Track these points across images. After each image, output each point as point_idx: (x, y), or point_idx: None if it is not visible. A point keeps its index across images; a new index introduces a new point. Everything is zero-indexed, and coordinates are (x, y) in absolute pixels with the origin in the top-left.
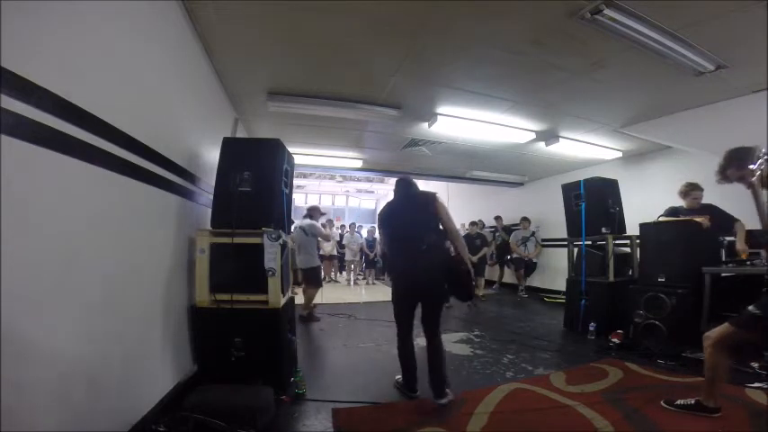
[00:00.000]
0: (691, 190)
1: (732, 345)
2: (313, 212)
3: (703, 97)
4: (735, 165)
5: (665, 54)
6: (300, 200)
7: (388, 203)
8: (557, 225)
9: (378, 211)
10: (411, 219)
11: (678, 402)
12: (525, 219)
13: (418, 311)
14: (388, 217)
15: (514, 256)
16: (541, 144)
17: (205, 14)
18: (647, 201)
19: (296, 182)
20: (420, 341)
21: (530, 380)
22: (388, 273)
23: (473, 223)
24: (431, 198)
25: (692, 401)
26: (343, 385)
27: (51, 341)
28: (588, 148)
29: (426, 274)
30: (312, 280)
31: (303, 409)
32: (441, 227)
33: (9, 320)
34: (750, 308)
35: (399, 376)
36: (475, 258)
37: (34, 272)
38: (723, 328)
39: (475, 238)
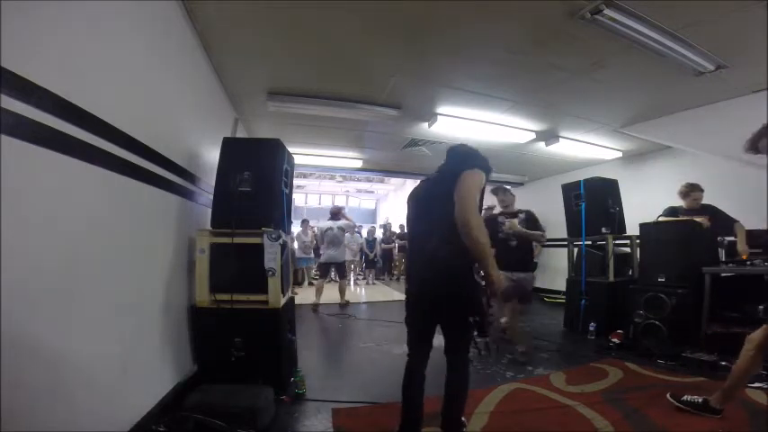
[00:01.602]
0: (691, 191)
1: None
2: (339, 213)
3: (703, 97)
4: None
5: (665, 54)
6: (300, 200)
7: (422, 181)
8: (557, 225)
9: (377, 211)
10: (429, 207)
11: (685, 398)
12: None
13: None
14: (408, 202)
15: None
16: (541, 144)
17: (205, 14)
18: (647, 201)
19: (296, 182)
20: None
21: (530, 380)
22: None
23: None
24: (458, 173)
25: (700, 400)
26: (343, 385)
27: (51, 341)
28: (588, 148)
29: (429, 284)
30: (346, 271)
31: (303, 409)
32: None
33: (9, 320)
34: None
35: None
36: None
37: (34, 272)
38: (766, 330)
39: None
